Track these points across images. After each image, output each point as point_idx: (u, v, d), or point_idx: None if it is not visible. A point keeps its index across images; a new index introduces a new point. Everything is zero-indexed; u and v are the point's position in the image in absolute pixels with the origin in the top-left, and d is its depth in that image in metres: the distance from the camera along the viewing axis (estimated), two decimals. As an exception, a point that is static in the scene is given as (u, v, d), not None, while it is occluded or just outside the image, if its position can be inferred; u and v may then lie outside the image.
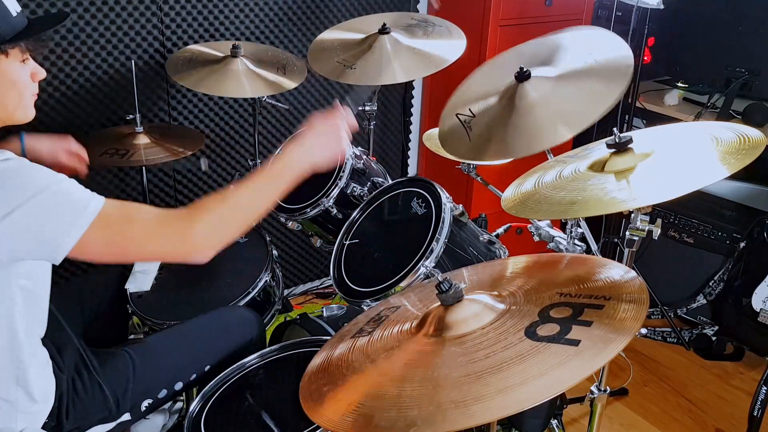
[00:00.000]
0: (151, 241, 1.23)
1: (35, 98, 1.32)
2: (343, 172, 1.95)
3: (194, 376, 1.61)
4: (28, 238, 1.15)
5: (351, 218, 1.88)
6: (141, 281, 1.96)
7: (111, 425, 1.48)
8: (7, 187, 1.14)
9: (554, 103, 1.65)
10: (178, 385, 1.59)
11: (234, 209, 1.30)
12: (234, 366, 1.62)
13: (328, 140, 1.47)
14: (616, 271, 1.17)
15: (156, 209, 1.26)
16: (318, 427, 1.38)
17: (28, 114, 1.31)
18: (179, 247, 1.24)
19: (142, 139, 2.20)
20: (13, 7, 1.23)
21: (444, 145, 1.84)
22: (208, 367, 1.62)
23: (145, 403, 1.53)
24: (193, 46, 2.37)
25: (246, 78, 2.18)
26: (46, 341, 1.40)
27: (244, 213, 1.32)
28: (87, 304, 1.78)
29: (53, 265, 1.27)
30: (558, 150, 1.70)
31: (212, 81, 2.16)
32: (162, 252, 1.26)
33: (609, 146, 1.37)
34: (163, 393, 1.56)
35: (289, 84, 2.22)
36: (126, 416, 1.50)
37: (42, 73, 1.31)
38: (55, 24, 1.34)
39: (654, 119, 2.93)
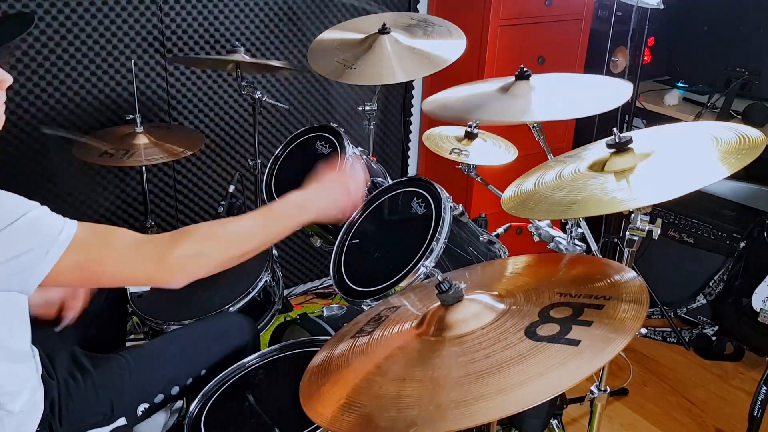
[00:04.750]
0: (126, 268, 1.18)
1: (3, 107, 1.24)
2: (343, 172, 1.94)
3: (190, 380, 1.60)
4: None
5: (351, 218, 1.88)
6: (141, 281, 1.96)
7: (106, 429, 1.47)
8: None
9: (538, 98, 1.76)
10: (175, 390, 1.58)
11: (223, 242, 1.25)
12: (234, 366, 1.62)
13: (335, 192, 1.45)
14: (616, 271, 1.17)
15: (133, 234, 1.20)
16: (318, 427, 1.37)
17: None
18: (153, 272, 1.19)
19: (142, 139, 2.20)
20: None
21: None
22: (204, 371, 1.62)
23: (142, 408, 1.52)
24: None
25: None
26: (35, 347, 1.37)
27: (233, 248, 1.26)
28: (86, 307, 1.77)
29: None
30: (558, 150, 1.71)
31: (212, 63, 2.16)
32: (136, 278, 1.22)
33: (609, 146, 1.37)
34: (159, 397, 1.55)
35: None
36: (122, 420, 1.49)
37: (8, 80, 1.21)
38: (21, 31, 1.27)
39: (654, 119, 2.93)
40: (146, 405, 1.53)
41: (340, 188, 1.46)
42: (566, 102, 1.80)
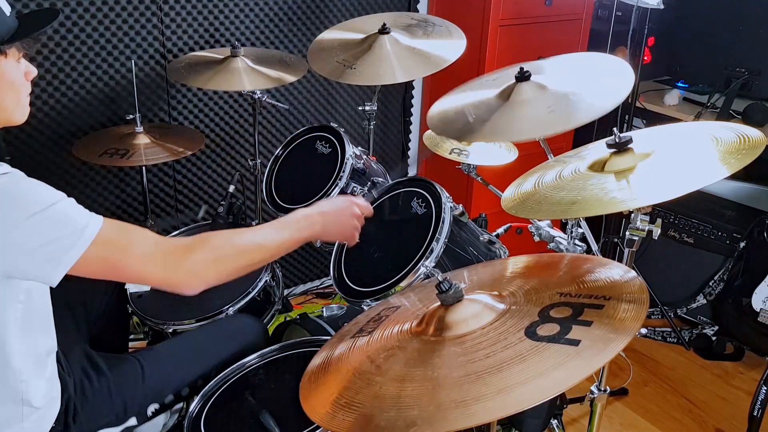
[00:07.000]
0: (144, 270, 1.23)
1: (29, 98, 1.32)
2: (343, 172, 1.94)
3: (200, 381, 1.62)
4: (25, 258, 1.12)
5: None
6: (141, 281, 1.96)
7: (117, 429, 1.49)
8: (5, 206, 1.11)
9: (544, 104, 1.66)
10: (185, 391, 1.60)
11: (237, 251, 1.32)
12: (234, 366, 1.62)
13: (342, 216, 1.56)
14: (616, 271, 1.17)
15: (154, 238, 1.26)
16: (318, 427, 1.38)
17: (24, 113, 1.31)
18: (171, 276, 1.25)
19: (142, 139, 2.20)
20: (6, 8, 1.23)
21: (434, 128, 1.83)
22: (213, 372, 1.63)
23: (152, 408, 1.54)
24: (192, 54, 2.38)
25: (246, 74, 2.20)
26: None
27: (247, 258, 1.34)
28: (91, 306, 1.78)
29: None
30: (558, 150, 1.70)
31: (213, 79, 2.17)
32: (155, 279, 1.26)
33: (609, 146, 1.37)
34: (170, 398, 1.58)
35: (289, 78, 2.24)
36: (132, 421, 1.51)
37: (34, 72, 1.31)
38: (48, 22, 1.32)
39: (654, 119, 2.93)
40: (157, 406, 1.55)
41: (346, 212, 1.57)
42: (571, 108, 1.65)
